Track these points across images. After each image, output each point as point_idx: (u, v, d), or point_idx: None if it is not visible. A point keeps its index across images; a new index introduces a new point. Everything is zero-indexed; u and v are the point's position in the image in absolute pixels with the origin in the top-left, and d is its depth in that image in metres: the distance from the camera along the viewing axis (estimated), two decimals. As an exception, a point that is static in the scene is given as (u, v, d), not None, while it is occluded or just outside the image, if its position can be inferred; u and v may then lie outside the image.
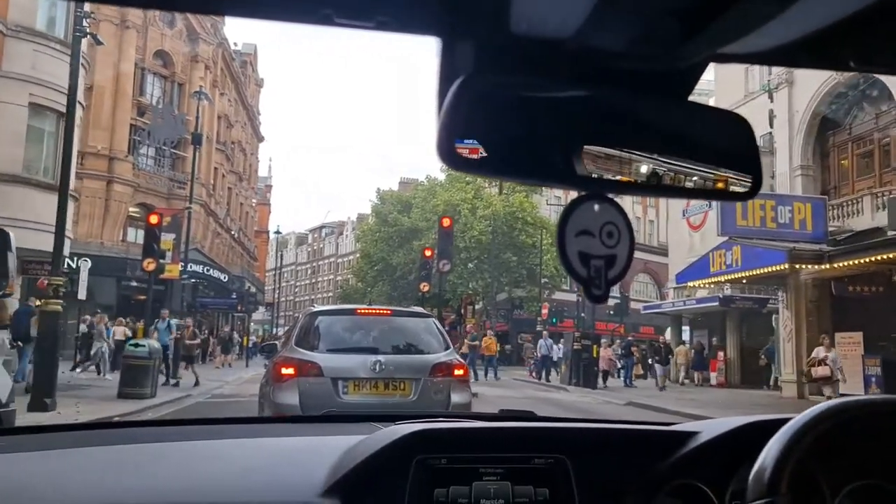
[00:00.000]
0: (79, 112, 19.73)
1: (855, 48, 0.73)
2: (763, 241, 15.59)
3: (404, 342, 6.87)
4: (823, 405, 1.10)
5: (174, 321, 17.09)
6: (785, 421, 1.09)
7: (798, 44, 0.69)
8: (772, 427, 1.10)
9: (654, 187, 0.76)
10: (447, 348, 6.91)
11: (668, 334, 34.68)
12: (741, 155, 0.79)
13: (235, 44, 46.45)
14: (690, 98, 0.78)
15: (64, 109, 18.25)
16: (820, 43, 0.69)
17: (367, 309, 7.39)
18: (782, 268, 14.69)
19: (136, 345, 12.94)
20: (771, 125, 19.61)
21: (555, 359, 23.46)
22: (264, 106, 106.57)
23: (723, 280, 17.87)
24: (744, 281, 18.01)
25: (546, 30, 0.68)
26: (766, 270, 15.09)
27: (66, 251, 19.59)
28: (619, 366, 22.31)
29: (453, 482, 1.28)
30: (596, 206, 0.82)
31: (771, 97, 18.98)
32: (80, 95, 19.91)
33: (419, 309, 7.85)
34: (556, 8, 0.65)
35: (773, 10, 0.62)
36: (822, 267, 14.18)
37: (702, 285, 18.96)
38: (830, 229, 15.96)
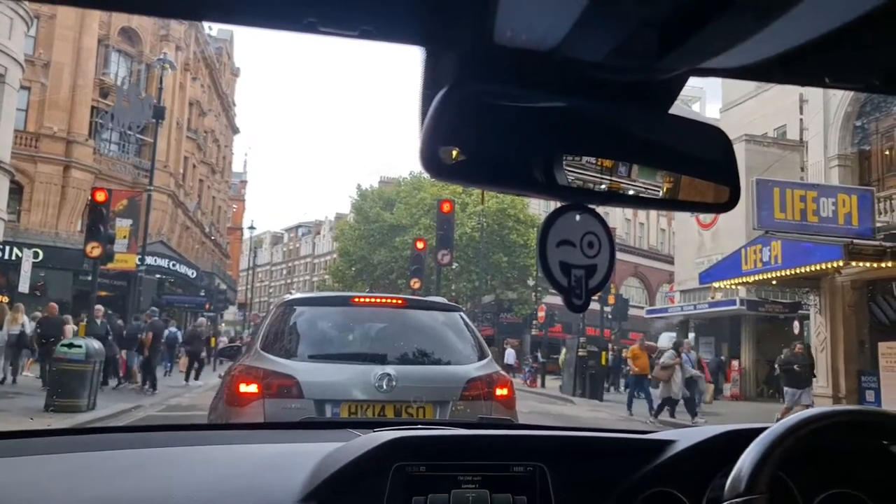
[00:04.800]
0: (17, 73, 17.38)
1: (829, 65, 0.75)
2: (804, 236, 13.72)
3: (423, 347, 4.73)
4: (801, 414, 1.08)
5: None
6: (761, 430, 1.09)
7: (774, 60, 0.70)
8: (748, 436, 1.09)
9: (634, 198, 0.76)
10: (483, 356, 4.78)
11: (661, 340, 32.87)
12: (720, 166, 0.80)
13: (210, 28, 43.82)
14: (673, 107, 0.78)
15: (1, 70, 15.90)
16: (796, 59, 0.70)
17: (368, 297, 5.17)
18: (837, 265, 12.79)
19: (70, 345, 10.56)
20: (801, 111, 17.83)
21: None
22: (240, 98, 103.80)
23: (750, 281, 15.90)
24: (773, 283, 16.10)
25: (529, 41, 0.68)
26: (814, 268, 13.17)
27: (0, 236, 17.26)
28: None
29: (432, 490, 1.27)
30: (577, 217, 0.81)
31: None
32: (20, 57, 17.60)
33: (441, 299, 5.65)
34: (540, 19, 0.65)
35: (750, 27, 0.63)
36: (880, 265, 12.30)
37: (730, 286, 16.98)
38: (878, 225, 14.13)
